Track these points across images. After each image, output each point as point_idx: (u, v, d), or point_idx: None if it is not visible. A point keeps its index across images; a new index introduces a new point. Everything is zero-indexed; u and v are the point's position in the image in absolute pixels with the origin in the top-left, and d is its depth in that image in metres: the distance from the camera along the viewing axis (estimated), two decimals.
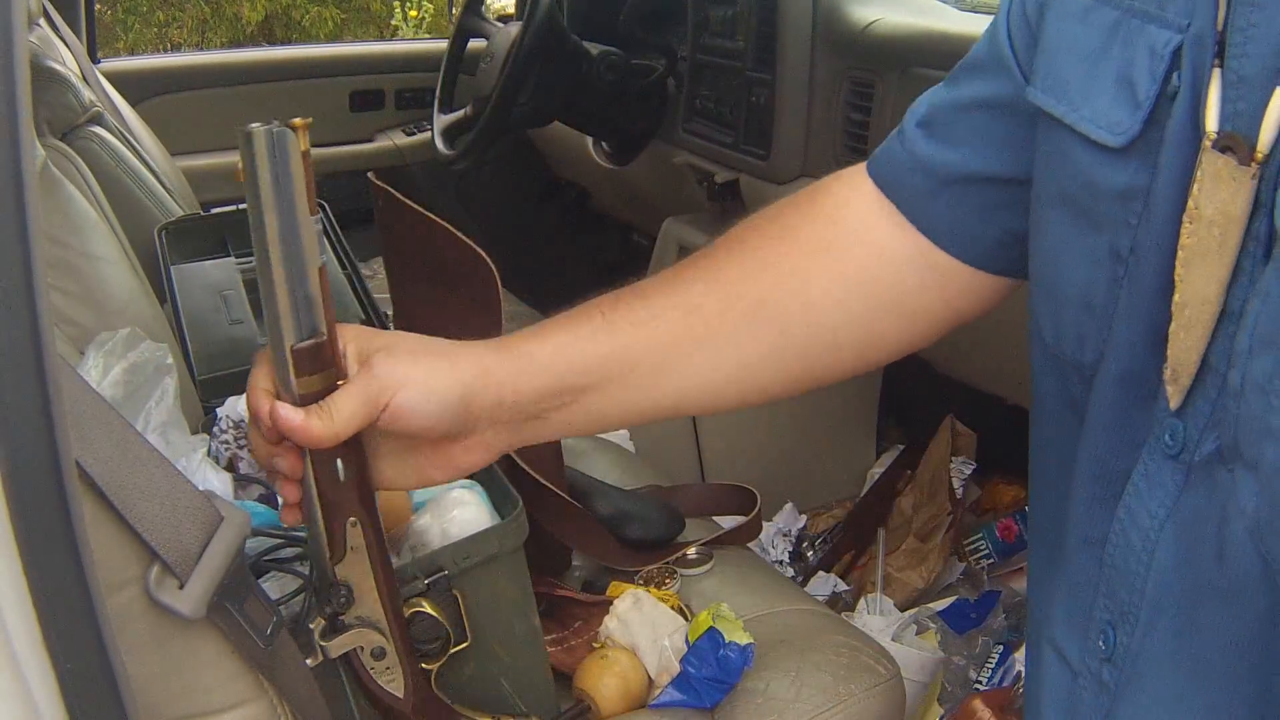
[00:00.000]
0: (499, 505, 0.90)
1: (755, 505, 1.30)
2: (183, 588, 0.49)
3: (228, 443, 1.05)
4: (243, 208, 0.57)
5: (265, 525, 0.84)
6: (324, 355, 0.60)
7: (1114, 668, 0.57)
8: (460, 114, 2.07)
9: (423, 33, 6.50)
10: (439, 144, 2.09)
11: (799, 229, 0.72)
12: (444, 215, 1.01)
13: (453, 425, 0.64)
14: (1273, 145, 0.46)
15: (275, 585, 0.81)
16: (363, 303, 1.38)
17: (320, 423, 0.59)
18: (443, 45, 2.28)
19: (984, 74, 0.67)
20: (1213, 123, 0.48)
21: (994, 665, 1.57)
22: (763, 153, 1.83)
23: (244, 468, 1.03)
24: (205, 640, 0.53)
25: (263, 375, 0.62)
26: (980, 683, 1.57)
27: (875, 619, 1.67)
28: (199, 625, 0.52)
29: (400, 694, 0.71)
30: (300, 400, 0.60)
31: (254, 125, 0.54)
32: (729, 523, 1.28)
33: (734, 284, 0.69)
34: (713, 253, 0.71)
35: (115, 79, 2.18)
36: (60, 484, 0.39)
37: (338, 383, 0.61)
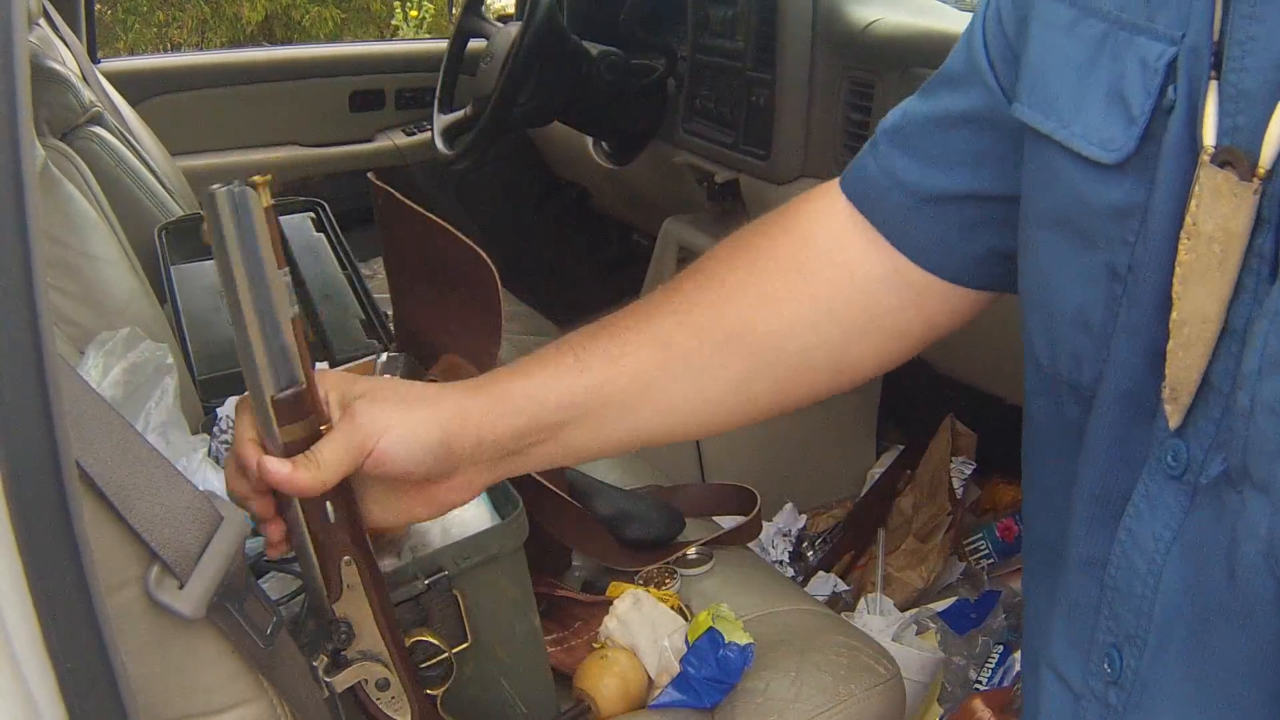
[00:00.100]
0: (499, 505, 0.90)
1: (755, 505, 1.30)
2: (182, 588, 0.49)
3: (228, 443, 1.05)
4: None
5: None
6: (304, 403, 0.61)
7: (1121, 691, 0.56)
8: (460, 114, 2.07)
9: (423, 33, 6.50)
10: (439, 144, 2.09)
11: (769, 254, 0.71)
12: (444, 215, 1.01)
13: (435, 467, 0.65)
14: (1275, 161, 0.45)
15: (275, 585, 0.81)
16: (363, 303, 1.38)
17: (307, 473, 0.61)
18: (443, 45, 2.28)
19: (960, 87, 0.66)
20: (1210, 137, 0.47)
21: (994, 665, 1.57)
22: (763, 153, 1.83)
23: None
24: (205, 640, 0.53)
25: (247, 425, 0.63)
26: (980, 683, 1.57)
27: (875, 619, 1.67)
28: (199, 625, 0.52)
29: None
30: (284, 448, 0.61)
31: (215, 187, 0.55)
32: (729, 523, 1.28)
33: (704, 316, 0.69)
34: (682, 284, 0.71)
35: (115, 79, 2.18)
36: (60, 484, 0.39)
37: (320, 428, 0.62)
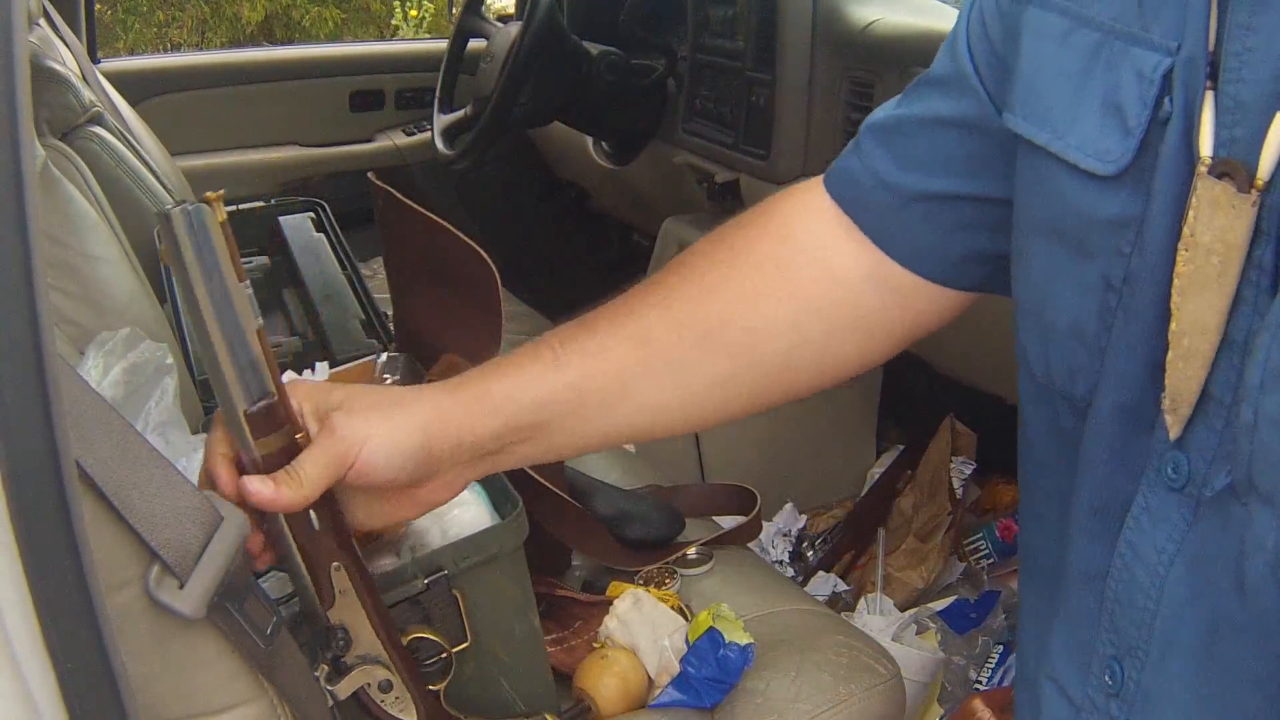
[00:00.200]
0: (499, 505, 0.90)
1: (755, 505, 1.30)
2: (183, 587, 0.50)
3: None
4: (243, 207, 0.58)
5: None
6: (277, 414, 0.61)
7: (1123, 703, 0.56)
8: (460, 114, 2.07)
9: (423, 32, 6.50)
10: (439, 144, 2.09)
11: (748, 251, 0.71)
12: (444, 215, 1.01)
13: (416, 472, 0.65)
14: (1273, 173, 0.45)
15: (276, 585, 0.81)
16: (363, 303, 1.38)
17: (291, 490, 0.61)
18: (443, 45, 2.28)
19: (947, 92, 0.65)
20: (1207, 148, 0.47)
21: (994, 665, 1.58)
22: (763, 153, 1.83)
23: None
24: (205, 640, 0.53)
25: (220, 440, 0.63)
26: (980, 683, 1.57)
27: (875, 619, 1.67)
28: (199, 625, 0.52)
29: None
30: (262, 461, 0.61)
31: (169, 208, 0.56)
32: (729, 523, 1.28)
33: (683, 312, 0.69)
34: (663, 279, 0.71)
35: (115, 79, 2.18)
36: (60, 483, 0.39)
37: (296, 437, 0.62)
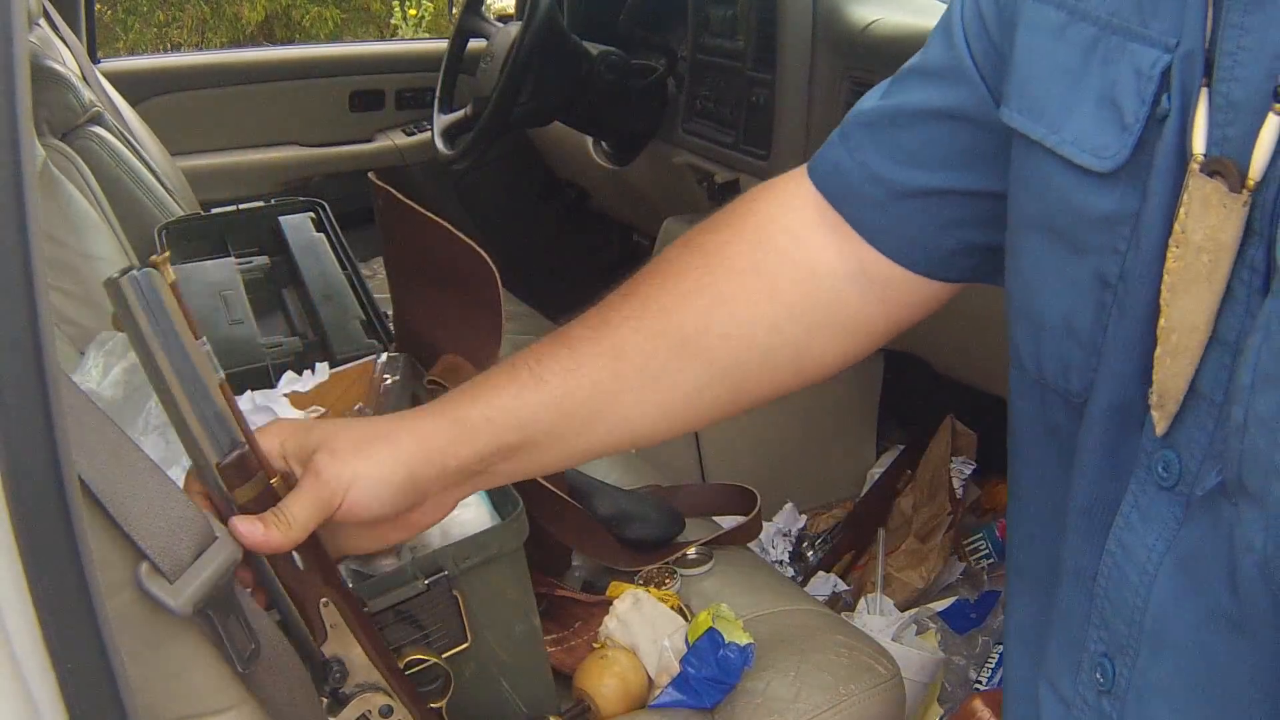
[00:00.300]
0: (499, 505, 0.90)
1: (755, 505, 1.30)
2: (172, 584, 0.50)
3: None
4: (243, 207, 0.58)
5: None
6: (250, 464, 0.62)
7: (1114, 700, 0.55)
8: (460, 114, 2.07)
9: (422, 31, 6.50)
10: (439, 144, 2.09)
11: (724, 253, 0.70)
12: (444, 215, 1.00)
13: (404, 502, 0.65)
14: (1265, 172, 0.44)
15: None
16: (363, 303, 1.38)
17: (279, 532, 0.61)
18: (443, 45, 2.28)
19: (940, 82, 0.64)
20: (1200, 145, 0.47)
21: (994, 665, 1.58)
22: (763, 153, 1.83)
23: None
24: (194, 644, 0.53)
25: (194, 484, 0.63)
26: (980, 683, 1.57)
27: (875, 619, 1.67)
28: (187, 629, 0.52)
29: None
30: (241, 510, 0.62)
31: (116, 276, 0.56)
32: (729, 523, 1.28)
33: (658, 323, 0.68)
34: (637, 289, 0.70)
35: (115, 79, 2.18)
36: (60, 484, 0.39)
37: (270, 482, 0.63)
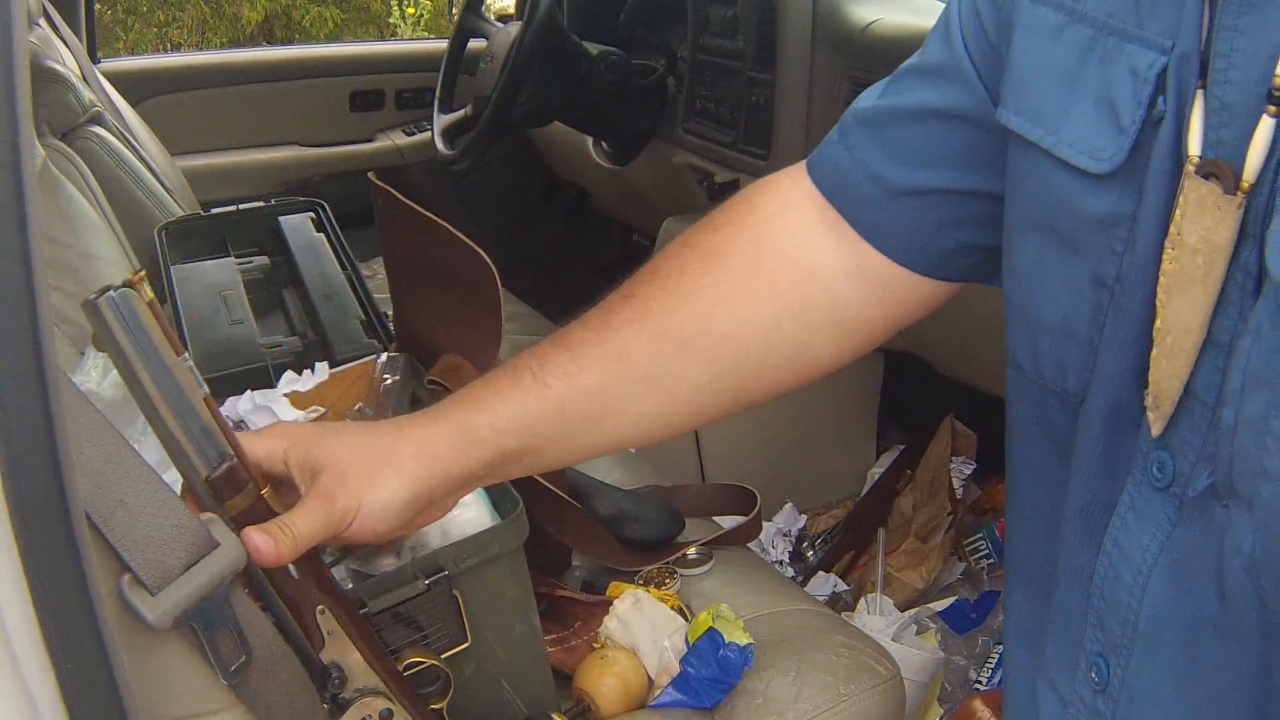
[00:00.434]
0: (499, 505, 0.90)
1: (755, 505, 1.30)
2: (154, 596, 0.50)
3: None
4: (243, 207, 0.57)
5: None
6: (239, 475, 0.62)
7: (1109, 700, 0.56)
8: (460, 114, 2.07)
9: (420, 30, 6.51)
10: (439, 144, 2.09)
11: (723, 252, 0.70)
12: (444, 215, 1.00)
13: (409, 516, 0.66)
14: (1258, 174, 0.45)
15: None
16: (363, 303, 1.38)
17: (287, 547, 0.62)
18: (443, 45, 2.28)
19: (938, 82, 0.64)
20: (1195, 147, 0.47)
21: (994, 665, 1.58)
22: (763, 153, 1.83)
23: None
24: (178, 653, 0.53)
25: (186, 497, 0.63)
26: (980, 683, 1.57)
27: (875, 619, 1.67)
28: (169, 638, 0.52)
29: None
30: (234, 521, 0.62)
31: (94, 298, 0.56)
32: (729, 523, 1.28)
33: (660, 323, 0.69)
34: (637, 290, 0.70)
35: (115, 79, 2.18)
36: (60, 483, 0.39)
37: (261, 494, 0.63)
